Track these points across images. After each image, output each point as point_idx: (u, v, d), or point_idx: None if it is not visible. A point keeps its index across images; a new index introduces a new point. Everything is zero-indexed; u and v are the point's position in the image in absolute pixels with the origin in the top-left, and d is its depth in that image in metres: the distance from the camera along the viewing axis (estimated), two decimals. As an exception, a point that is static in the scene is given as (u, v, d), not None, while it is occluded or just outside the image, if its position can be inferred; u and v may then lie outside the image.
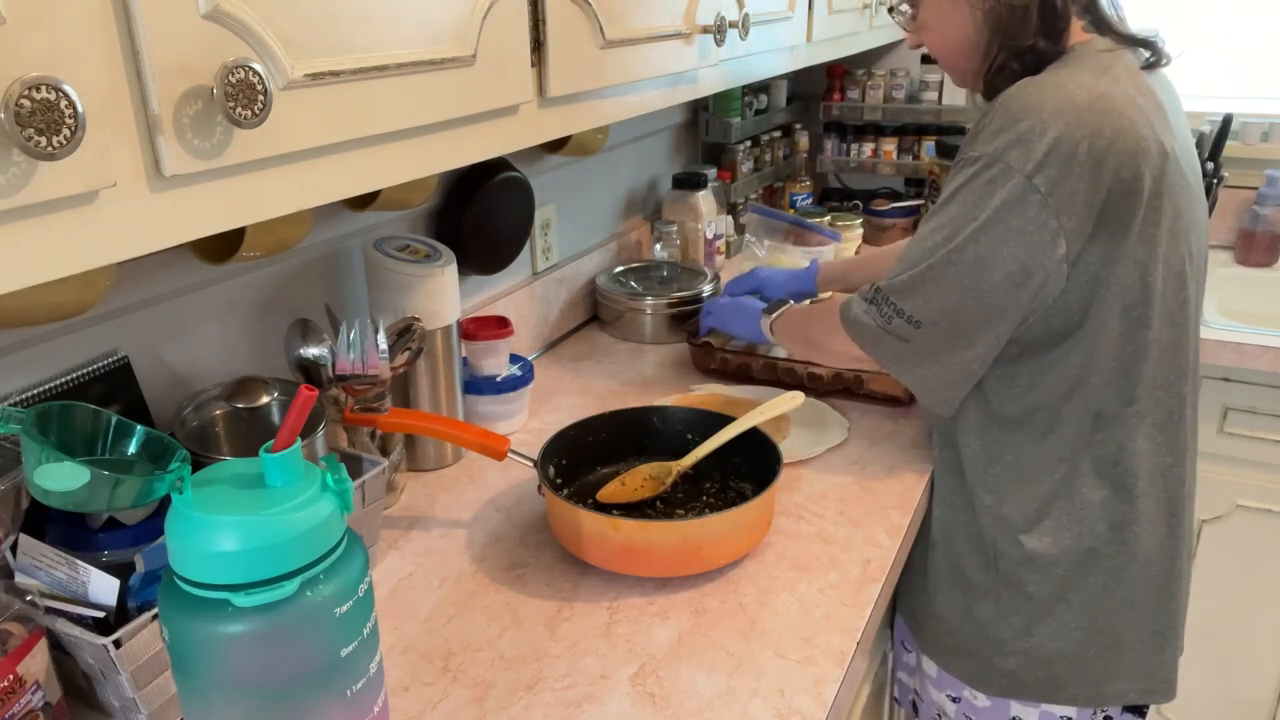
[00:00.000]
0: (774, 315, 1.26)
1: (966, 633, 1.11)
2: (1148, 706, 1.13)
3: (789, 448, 1.21)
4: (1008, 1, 0.97)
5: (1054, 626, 1.06)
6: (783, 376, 1.39)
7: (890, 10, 1.13)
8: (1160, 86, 1.01)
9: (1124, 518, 1.03)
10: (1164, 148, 0.94)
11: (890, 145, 2.24)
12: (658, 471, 1.09)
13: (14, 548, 0.75)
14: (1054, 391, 1.00)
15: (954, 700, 1.15)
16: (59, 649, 0.74)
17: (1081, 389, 1.00)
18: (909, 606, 1.21)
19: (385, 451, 1.10)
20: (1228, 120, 1.90)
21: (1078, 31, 1.00)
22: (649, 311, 1.60)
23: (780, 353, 1.43)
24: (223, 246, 0.93)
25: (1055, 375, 1.00)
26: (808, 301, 1.35)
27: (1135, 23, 1.03)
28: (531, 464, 1.04)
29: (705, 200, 1.84)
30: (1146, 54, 1.00)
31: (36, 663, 0.71)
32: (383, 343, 1.02)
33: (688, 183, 1.84)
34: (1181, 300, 1.00)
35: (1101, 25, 1.00)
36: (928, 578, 1.15)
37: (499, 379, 1.27)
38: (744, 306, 1.35)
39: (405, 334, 1.08)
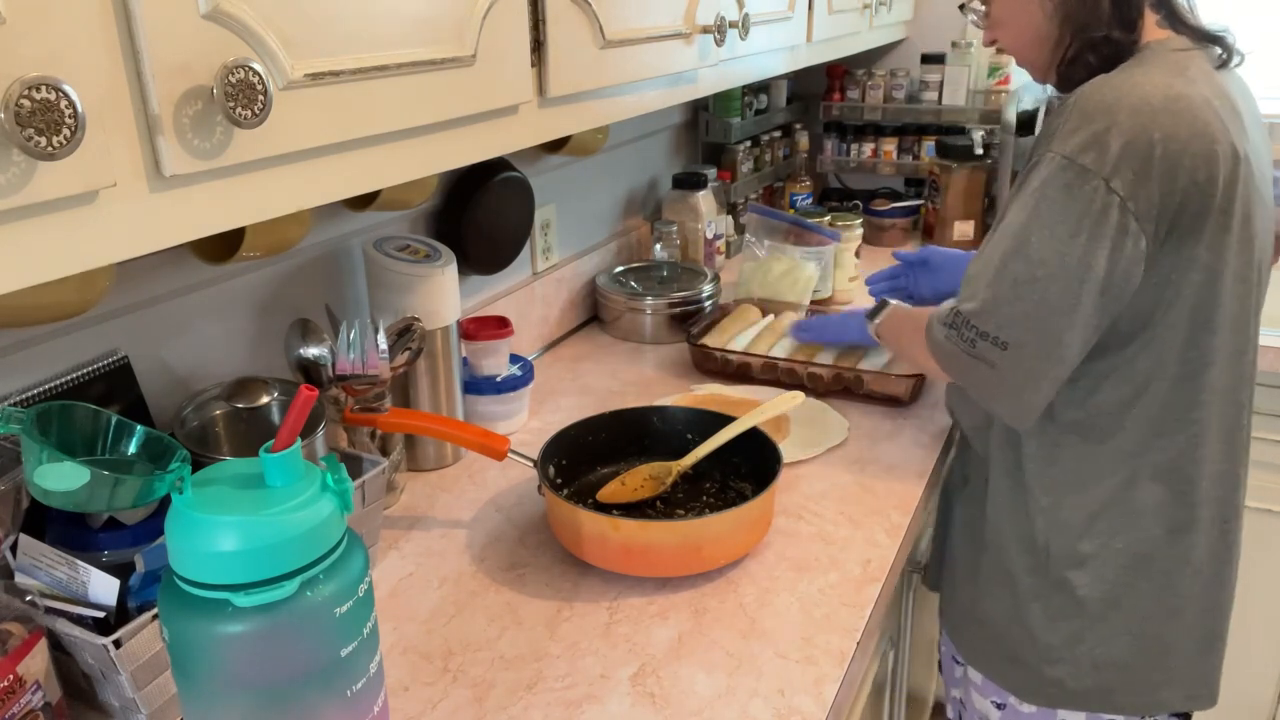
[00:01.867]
0: (878, 319, 1.22)
1: (1013, 639, 1.09)
2: (1191, 713, 1.11)
3: (789, 448, 1.21)
4: None
5: (1104, 633, 1.04)
6: (783, 376, 1.39)
7: (961, 8, 1.11)
8: (1236, 89, 0.98)
9: (1180, 523, 1.01)
10: (1237, 151, 0.91)
11: (890, 145, 2.24)
12: (658, 471, 1.09)
13: (14, 548, 0.75)
14: (1117, 396, 0.98)
15: (999, 707, 1.13)
16: (59, 649, 0.74)
17: (1145, 394, 0.98)
18: (953, 617, 1.19)
19: (385, 451, 1.10)
20: (1228, 120, 1.89)
21: (1153, 28, 0.97)
22: (649, 311, 1.60)
23: (780, 352, 1.43)
24: (223, 246, 0.93)
25: (1119, 380, 0.97)
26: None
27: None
28: (531, 464, 1.04)
29: (705, 200, 1.84)
30: (1219, 51, 0.98)
31: (36, 663, 0.71)
32: (383, 343, 1.02)
33: (688, 183, 1.84)
34: (1246, 306, 0.98)
35: (1175, 18, 0.97)
36: (976, 583, 1.13)
37: (499, 379, 1.27)
38: (847, 316, 1.38)
39: (405, 334, 1.08)
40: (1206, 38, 0.98)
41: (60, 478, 0.56)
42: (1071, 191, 0.89)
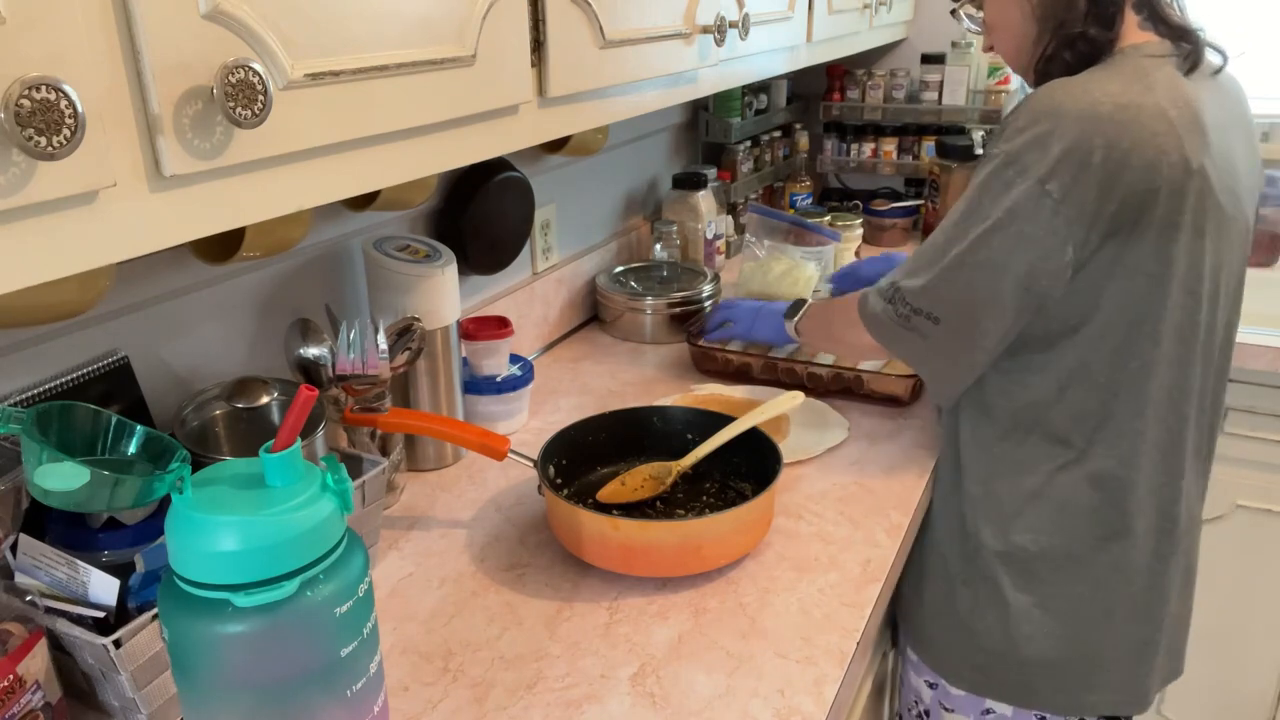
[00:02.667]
0: (797, 316, 1.28)
1: (943, 621, 1.12)
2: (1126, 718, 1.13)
3: (789, 448, 1.21)
4: None
5: (1029, 631, 1.05)
6: (783, 376, 1.39)
7: (953, 13, 1.14)
8: (1213, 97, 0.97)
9: (1112, 529, 1.02)
10: (1189, 164, 0.90)
11: (890, 145, 2.24)
12: (658, 471, 1.09)
13: (14, 548, 0.75)
14: (1043, 390, 1.00)
15: (931, 687, 1.16)
16: (59, 649, 0.74)
17: (1073, 392, 0.99)
18: (902, 597, 1.22)
19: (385, 451, 1.10)
20: (1228, 120, 1.89)
21: (1134, 30, 0.97)
22: (649, 311, 1.60)
23: (780, 353, 1.43)
24: (223, 246, 0.93)
25: (1047, 375, 1.00)
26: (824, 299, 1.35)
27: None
28: (531, 464, 1.04)
29: (705, 200, 1.84)
30: (1188, 49, 0.97)
31: (36, 663, 0.71)
32: (383, 343, 1.02)
33: (688, 183, 1.84)
34: (1195, 320, 0.97)
35: (1156, 17, 0.97)
36: (920, 566, 1.16)
37: (499, 379, 1.27)
38: (764, 311, 1.38)
39: (405, 334, 1.08)
40: (1179, 34, 0.97)
41: (60, 478, 0.56)
42: (1009, 188, 0.92)
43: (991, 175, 0.94)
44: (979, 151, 2.01)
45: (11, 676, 0.69)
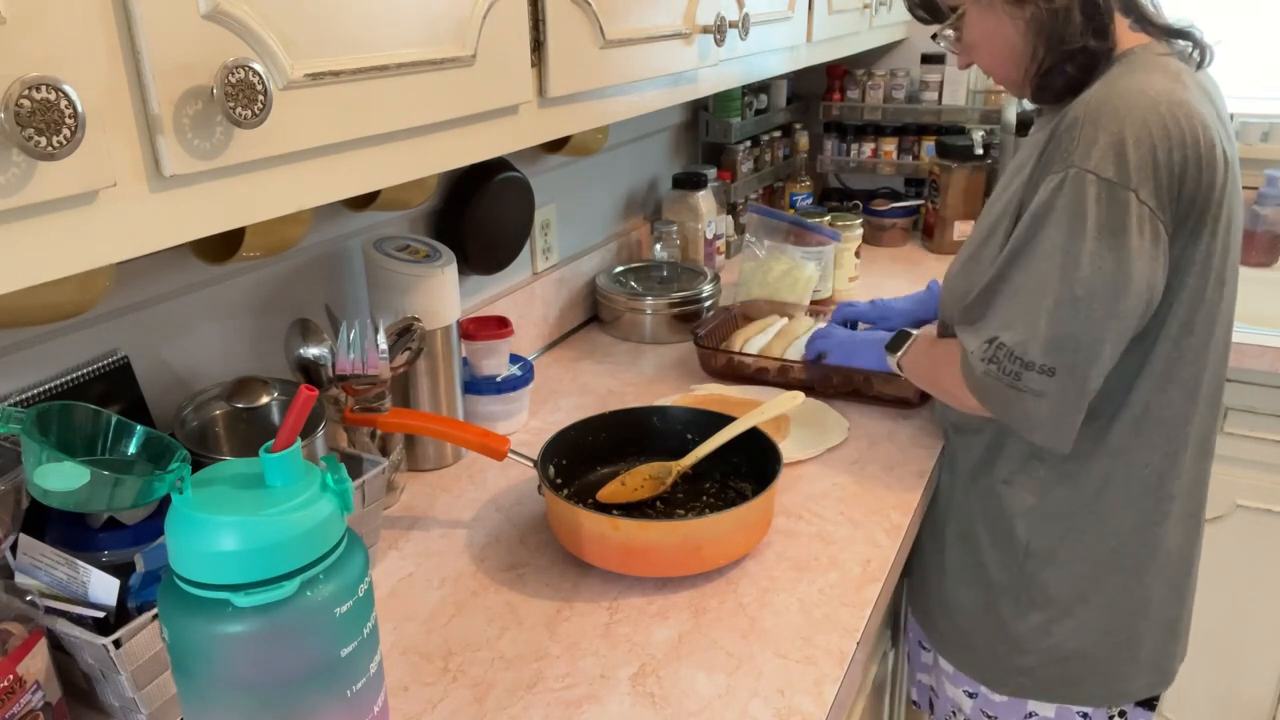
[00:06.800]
0: (900, 353, 1.16)
1: (984, 630, 1.11)
2: (1157, 698, 1.13)
3: (789, 448, 1.21)
4: (1047, 6, 0.95)
5: (1072, 626, 1.06)
6: (794, 381, 1.38)
7: (934, 37, 1.09)
8: (1214, 90, 1.00)
9: (1150, 518, 1.03)
10: (1226, 155, 0.93)
11: (890, 145, 2.24)
12: (658, 471, 1.09)
13: (14, 548, 0.75)
14: (1104, 396, 0.99)
15: (971, 696, 1.15)
16: (59, 649, 0.74)
17: (1135, 395, 0.99)
18: (923, 605, 1.21)
19: (385, 451, 1.10)
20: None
21: (1127, 33, 0.98)
22: (649, 311, 1.60)
23: (789, 354, 1.42)
24: (223, 246, 0.93)
25: (1108, 381, 0.97)
26: (930, 329, 1.23)
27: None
28: (531, 464, 1.04)
29: (705, 200, 1.84)
30: (1192, 49, 0.98)
31: (36, 663, 0.71)
32: (383, 343, 1.02)
33: (688, 183, 1.84)
34: (1226, 305, 1.00)
35: (1144, 20, 0.98)
36: (945, 574, 1.15)
37: (499, 379, 1.27)
38: (865, 340, 1.28)
39: (405, 334, 1.08)
40: (1178, 34, 0.99)
41: (60, 478, 0.56)
42: (1102, 206, 0.88)
43: (1077, 195, 0.89)
44: (979, 151, 2.01)
45: (11, 676, 0.69)
